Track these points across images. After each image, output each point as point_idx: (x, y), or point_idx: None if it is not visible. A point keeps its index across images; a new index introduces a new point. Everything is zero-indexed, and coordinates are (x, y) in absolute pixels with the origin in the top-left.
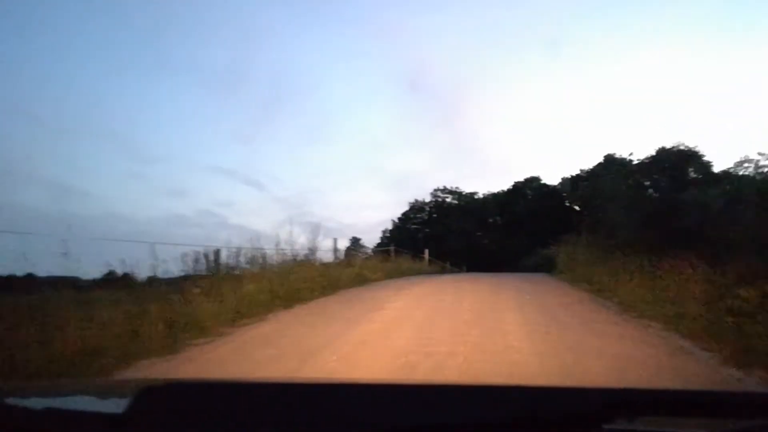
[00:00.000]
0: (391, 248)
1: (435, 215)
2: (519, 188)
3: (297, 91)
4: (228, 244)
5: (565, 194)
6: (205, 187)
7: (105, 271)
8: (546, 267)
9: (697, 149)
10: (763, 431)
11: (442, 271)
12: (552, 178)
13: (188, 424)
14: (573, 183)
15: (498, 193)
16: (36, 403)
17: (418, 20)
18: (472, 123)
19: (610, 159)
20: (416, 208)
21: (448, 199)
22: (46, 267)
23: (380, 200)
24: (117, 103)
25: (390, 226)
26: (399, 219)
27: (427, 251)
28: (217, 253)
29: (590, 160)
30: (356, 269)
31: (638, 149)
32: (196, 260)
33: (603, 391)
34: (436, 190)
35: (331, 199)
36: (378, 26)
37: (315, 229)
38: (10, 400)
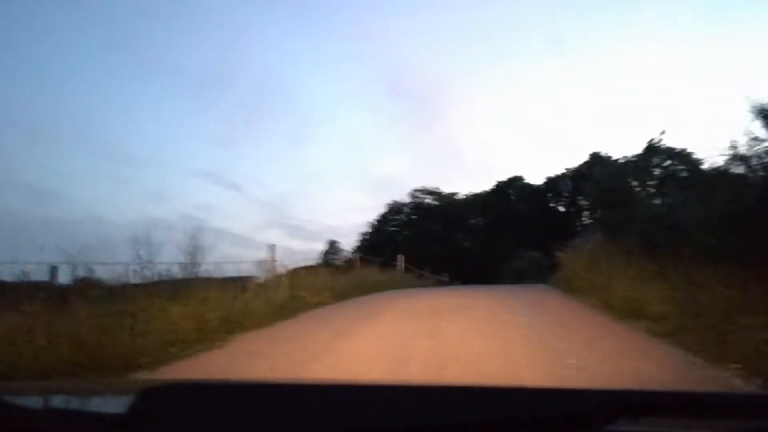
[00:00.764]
0: (355, 256)
1: (414, 217)
2: (501, 188)
3: (278, 94)
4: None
5: (566, 193)
6: (186, 191)
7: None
8: (536, 274)
9: (686, 149)
10: None
11: (419, 282)
12: (535, 178)
13: (190, 425)
14: (574, 177)
15: (480, 193)
16: (36, 402)
17: (400, 22)
18: (454, 125)
19: (596, 157)
20: (394, 209)
21: (427, 200)
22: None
23: (362, 203)
24: (96, 105)
25: (368, 229)
26: (377, 221)
27: (401, 258)
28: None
29: (575, 159)
30: (285, 291)
31: (625, 148)
32: None
33: (606, 393)
34: (415, 191)
35: (313, 202)
36: (360, 29)
37: (196, 232)
38: (11, 400)
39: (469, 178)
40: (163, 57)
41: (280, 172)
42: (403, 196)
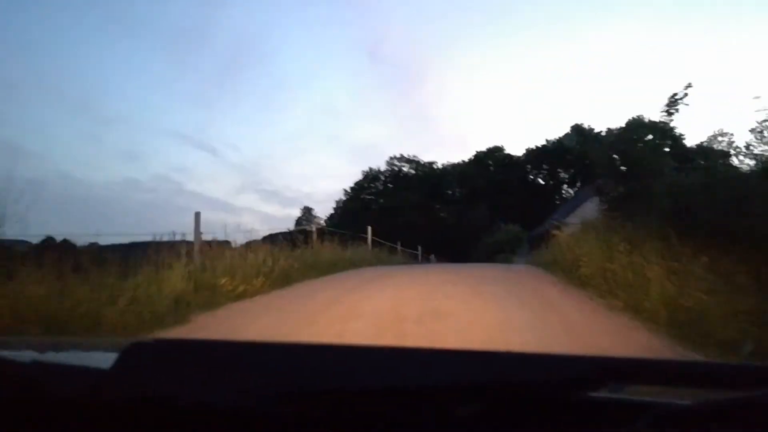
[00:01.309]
0: (312, 228)
1: (390, 185)
2: (481, 159)
3: (256, 56)
4: None
5: (574, 148)
6: (161, 152)
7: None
8: (513, 248)
9: (671, 122)
10: (756, 403)
11: (389, 259)
12: (516, 149)
13: (176, 380)
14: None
15: (458, 163)
16: (23, 356)
17: None
18: (434, 93)
19: (578, 129)
20: (370, 177)
21: (405, 169)
22: None
23: (340, 170)
24: (70, 61)
25: (343, 197)
26: (351, 189)
27: (369, 230)
28: None
29: (556, 131)
30: (182, 282)
31: (606, 121)
32: None
33: (590, 359)
34: (392, 159)
35: (290, 168)
36: None
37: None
38: None
39: (449, 148)
40: (140, 15)
41: (256, 136)
42: (380, 164)
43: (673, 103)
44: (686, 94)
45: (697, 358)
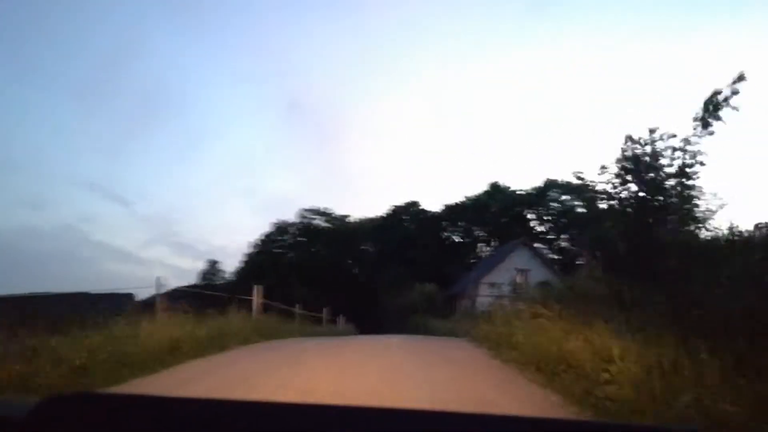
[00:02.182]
0: (156, 297)
1: (302, 238)
2: (396, 213)
3: (170, 106)
4: None
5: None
6: (68, 201)
7: None
8: (428, 308)
9: (585, 180)
10: None
11: (278, 329)
12: (433, 205)
13: None
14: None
15: (374, 218)
16: None
17: (301, 46)
18: (350, 149)
19: (495, 187)
20: (281, 229)
21: (316, 221)
22: None
23: (253, 223)
24: None
25: (251, 249)
26: (261, 241)
27: (256, 290)
28: None
29: (474, 188)
30: None
31: (523, 180)
32: None
33: (534, 420)
34: (304, 210)
35: (203, 220)
36: (259, 46)
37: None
38: None
39: (364, 203)
40: (50, 62)
41: (169, 187)
42: (291, 216)
43: (714, 106)
44: (736, 92)
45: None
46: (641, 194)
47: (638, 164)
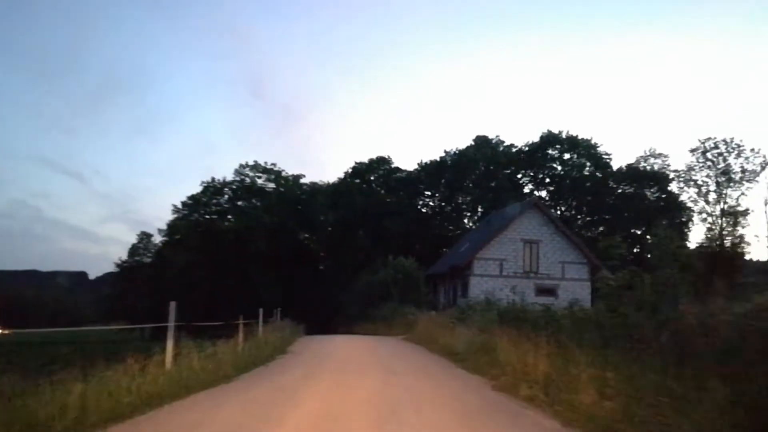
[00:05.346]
0: None
1: (240, 202)
2: (361, 171)
3: (130, 84)
4: None
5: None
6: (20, 176)
7: None
8: (404, 292)
9: (591, 139)
10: None
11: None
12: (406, 163)
13: None
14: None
15: (334, 183)
16: None
17: (265, 25)
18: (313, 129)
19: (482, 141)
20: (212, 189)
21: (260, 181)
22: None
23: None
24: None
25: (173, 215)
26: (185, 204)
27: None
28: None
29: (456, 142)
30: None
31: (514, 135)
32: None
33: None
34: (242, 167)
35: (161, 199)
36: (225, 27)
37: None
38: None
39: (330, 173)
40: (5, 34)
41: (127, 165)
42: (226, 173)
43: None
44: None
45: None
46: None
47: None
